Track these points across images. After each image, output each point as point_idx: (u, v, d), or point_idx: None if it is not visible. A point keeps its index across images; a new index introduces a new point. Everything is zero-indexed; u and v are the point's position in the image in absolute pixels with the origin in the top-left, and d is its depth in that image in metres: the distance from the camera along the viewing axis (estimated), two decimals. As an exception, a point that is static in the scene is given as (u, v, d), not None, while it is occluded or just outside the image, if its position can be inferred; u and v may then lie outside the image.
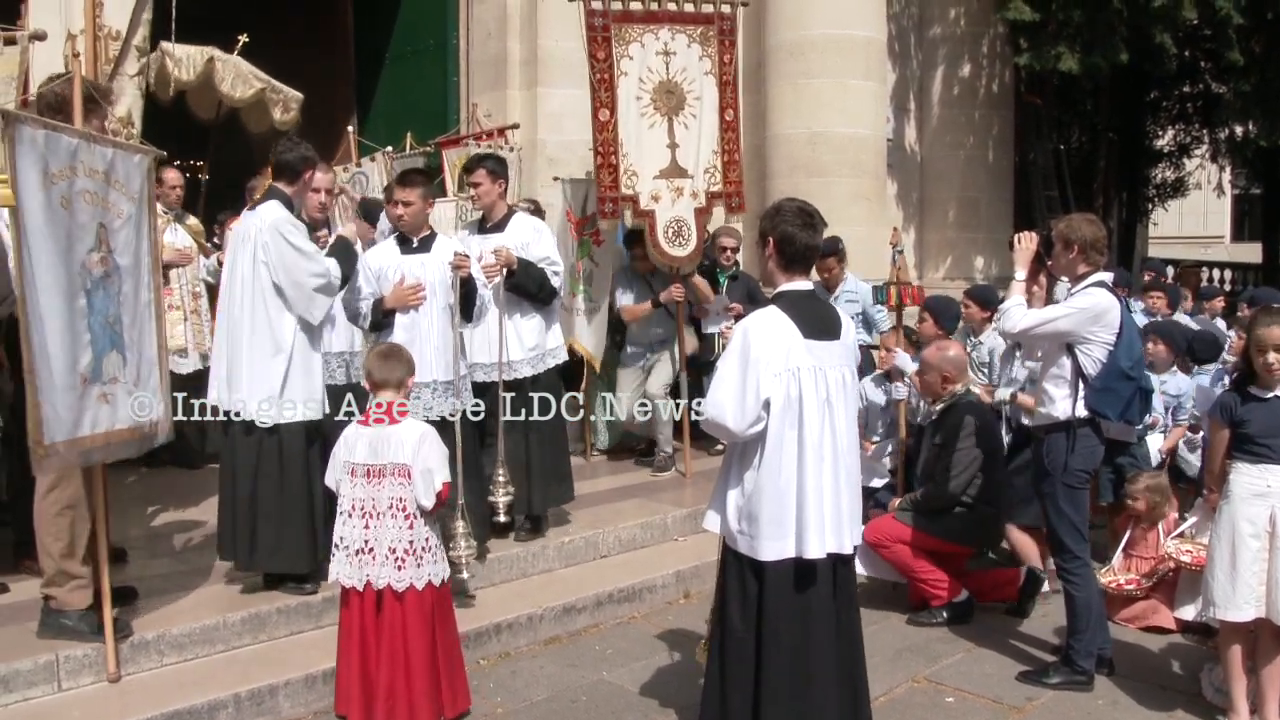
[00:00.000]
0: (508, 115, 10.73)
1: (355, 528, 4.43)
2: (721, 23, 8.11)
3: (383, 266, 5.81)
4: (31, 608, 4.91)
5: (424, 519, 4.45)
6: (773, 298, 4.00)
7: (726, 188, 8.09)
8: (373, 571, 4.39)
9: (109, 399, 4.51)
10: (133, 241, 4.70)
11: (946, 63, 13.56)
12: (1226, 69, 14.29)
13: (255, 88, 9.39)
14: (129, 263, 4.67)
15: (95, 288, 4.42)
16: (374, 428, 4.46)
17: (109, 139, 4.72)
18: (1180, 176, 23.21)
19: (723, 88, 8.09)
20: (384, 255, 5.87)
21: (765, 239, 3.99)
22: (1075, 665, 5.20)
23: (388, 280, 5.77)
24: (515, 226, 6.59)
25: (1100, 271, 5.19)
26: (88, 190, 4.38)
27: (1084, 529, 5.23)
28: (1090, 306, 5.05)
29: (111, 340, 4.52)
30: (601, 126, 7.79)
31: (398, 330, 5.71)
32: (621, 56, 7.81)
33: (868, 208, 11.24)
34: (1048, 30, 12.22)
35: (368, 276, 5.80)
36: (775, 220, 3.97)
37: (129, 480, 7.56)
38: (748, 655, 3.95)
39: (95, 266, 4.42)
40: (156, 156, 4.99)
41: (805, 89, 11.04)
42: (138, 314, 4.74)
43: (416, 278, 5.73)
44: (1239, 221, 37.04)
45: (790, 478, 3.83)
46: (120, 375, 4.56)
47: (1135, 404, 5.17)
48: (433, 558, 4.47)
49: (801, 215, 3.97)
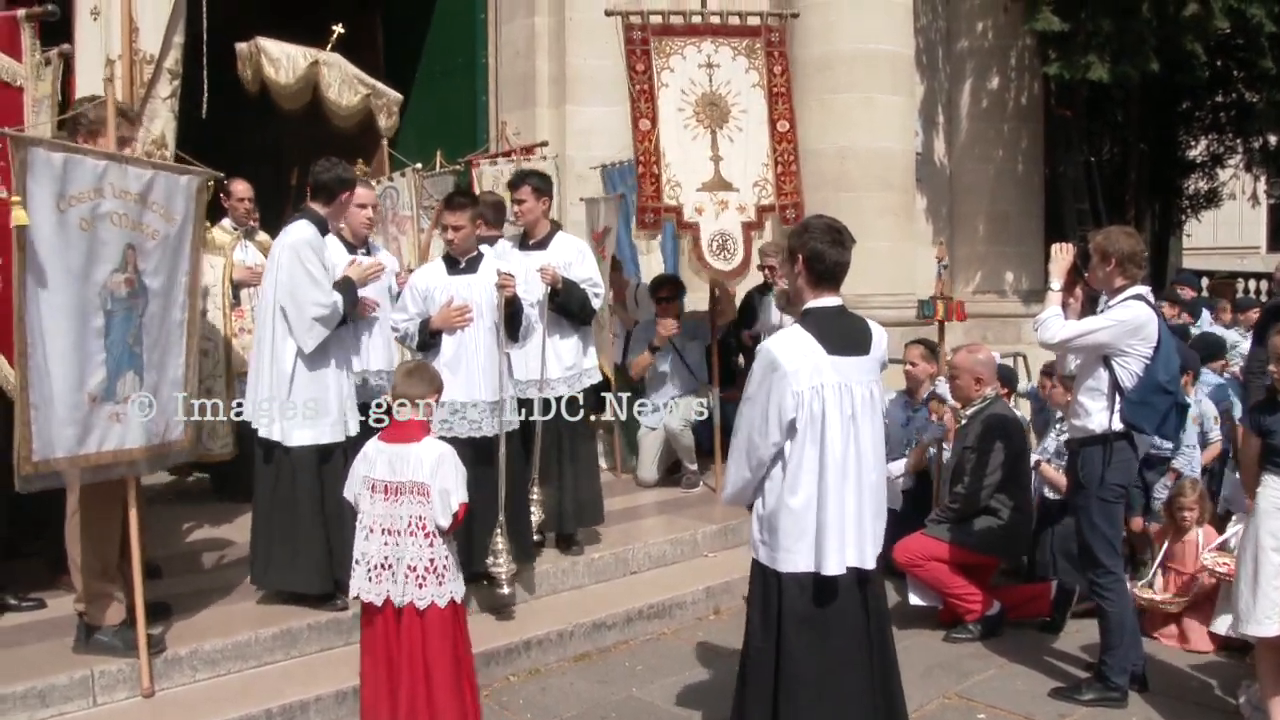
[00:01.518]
0: (536, 133, 10.78)
1: (375, 544, 4.43)
2: (769, 34, 8.01)
3: (430, 287, 5.86)
4: (67, 623, 4.98)
5: (442, 538, 4.45)
6: (800, 316, 4.01)
7: (780, 199, 7.87)
8: (393, 589, 4.39)
9: (121, 418, 4.57)
10: (167, 262, 4.76)
11: (975, 75, 13.53)
12: (1259, 77, 14.18)
13: (361, 93, 8.75)
14: (160, 283, 4.73)
15: (117, 308, 4.50)
16: (395, 445, 4.47)
17: (149, 161, 4.81)
18: (1214, 187, 22.97)
19: (773, 99, 7.95)
20: (432, 276, 5.92)
21: (794, 256, 4.00)
22: (1109, 681, 5.15)
23: (435, 301, 5.81)
24: (558, 245, 6.58)
25: (1138, 285, 5.15)
26: (116, 212, 4.45)
27: (1117, 543, 5.20)
28: (1129, 319, 5.01)
29: (129, 360, 4.59)
30: (643, 136, 7.68)
31: (445, 350, 5.77)
32: (662, 69, 7.75)
33: (896, 222, 11.22)
34: (1077, 40, 12.17)
35: (415, 297, 5.84)
36: (804, 238, 3.98)
37: (159, 495, 7.64)
38: (767, 667, 3.95)
39: (119, 287, 4.50)
40: (208, 178, 5.05)
41: (833, 104, 11.03)
42: (164, 334, 4.80)
43: (464, 299, 5.77)
44: (1275, 231, 36.64)
45: (811, 494, 3.83)
46: (135, 395, 4.63)
47: (1172, 418, 5.14)
48: (452, 575, 4.47)
49: (830, 232, 3.98)
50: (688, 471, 8.35)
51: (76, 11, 6.14)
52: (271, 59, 8.26)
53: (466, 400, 5.69)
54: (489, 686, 5.29)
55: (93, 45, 6.02)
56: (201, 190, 4.95)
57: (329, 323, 5.38)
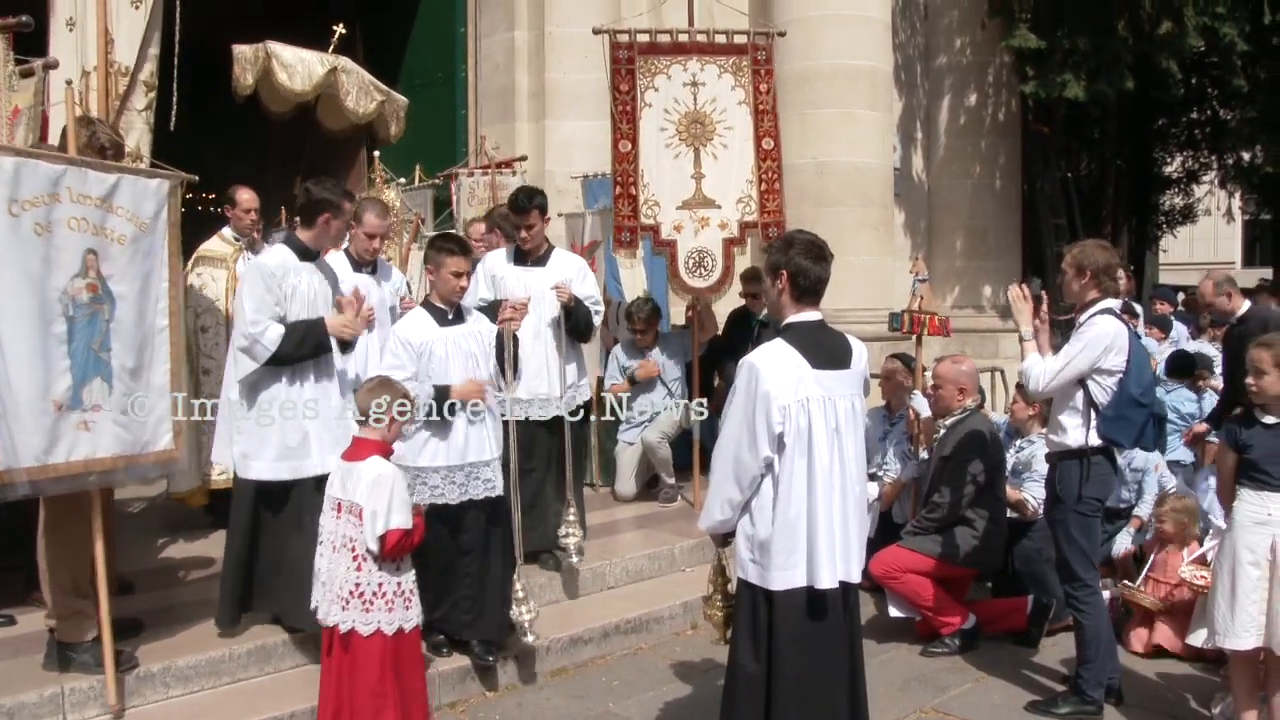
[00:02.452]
0: (516, 147, 10.79)
1: (324, 561, 4.42)
2: (756, 52, 8.07)
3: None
4: (38, 640, 4.92)
5: (379, 564, 4.32)
6: (781, 330, 4.01)
7: (764, 217, 7.94)
8: (324, 607, 4.36)
9: (90, 426, 4.48)
10: (138, 267, 4.67)
11: (953, 92, 13.64)
12: (1233, 95, 14.33)
13: (377, 99, 8.39)
14: (131, 289, 4.63)
15: (79, 314, 4.42)
16: (348, 462, 4.43)
17: (115, 165, 4.71)
18: (1189, 203, 23.20)
19: (759, 116, 8.02)
20: (420, 329, 5.42)
21: (777, 272, 4.01)
22: (1085, 695, 5.16)
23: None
24: (558, 262, 6.56)
25: (1107, 299, 5.16)
26: (74, 216, 4.38)
27: (1094, 557, 5.22)
28: (1098, 337, 5.02)
29: (96, 367, 4.50)
30: (622, 157, 7.79)
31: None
32: (646, 89, 7.83)
33: (875, 237, 11.27)
34: (1053, 58, 12.27)
35: (409, 353, 5.33)
36: (788, 253, 3.98)
37: (137, 511, 7.59)
38: (759, 689, 3.92)
39: (80, 293, 4.42)
40: (180, 181, 4.96)
41: (812, 119, 11.08)
42: (143, 342, 4.72)
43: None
44: (1250, 247, 36.99)
45: (800, 509, 3.82)
46: (104, 403, 4.53)
47: (1149, 430, 5.16)
48: (386, 605, 4.33)
49: (813, 249, 4.00)
50: (665, 486, 8.34)
51: (52, 22, 6.10)
52: (285, 64, 7.90)
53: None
54: (465, 703, 5.26)
55: (68, 56, 5.98)
56: (175, 193, 4.85)
57: (252, 356, 5.03)
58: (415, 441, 5.19)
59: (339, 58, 8.19)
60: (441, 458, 5.23)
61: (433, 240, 5.53)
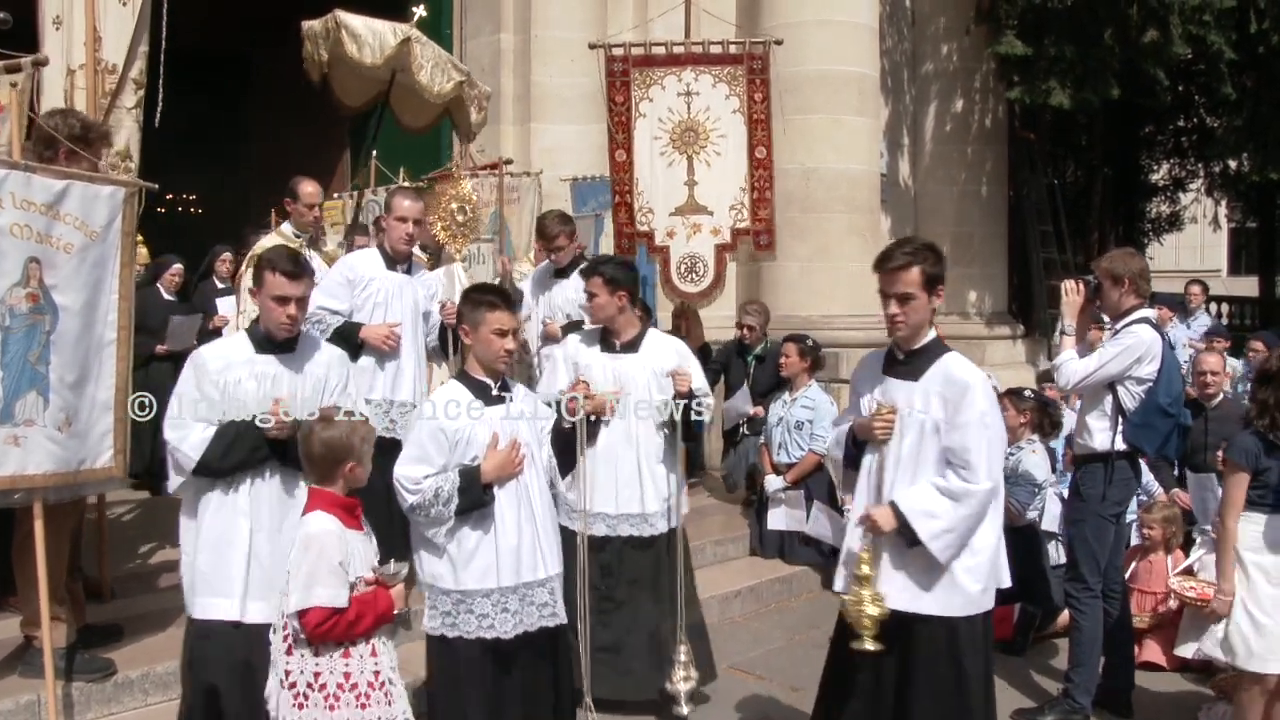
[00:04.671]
0: (501, 150, 10.71)
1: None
2: (751, 62, 8.11)
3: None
4: (14, 647, 4.88)
5: (309, 649, 3.48)
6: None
7: (755, 224, 8.08)
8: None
9: (21, 442, 4.27)
10: (85, 277, 4.49)
11: (939, 98, 13.63)
12: (1220, 103, 14.37)
13: (455, 79, 7.78)
14: (78, 300, 4.45)
15: (16, 324, 4.25)
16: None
17: (65, 170, 4.51)
18: (1176, 210, 23.28)
19: (753, 125, 8.09)
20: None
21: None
22: (1073, 700, 5.15)
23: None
24: (653, 348, 5.27)
25: (1144, 308, 5.20)
26: (16, 223, 4.22)
27: (1101, 562, 5.20)
28: (1133, 345, 5.05)
29: (31, 380, 4.30)
30: (618, 167, 8.01)
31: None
32: (641, 99, 7.96)
33: (862, 243, 11.22)
34: (1039, 65, 12.28)
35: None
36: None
37: (119, 517, 7.51)
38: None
39: (19, 303, 4.25)
40: (138, 188, 4.81)
41: (799, 125, 11.02)
42: (87, 355, 4.52)
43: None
44: (1236, 255, 37.12)
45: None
46: (38, 418, 4.33)
47: (1174, 439, 5.20)
48: (326, 703, 3.44)
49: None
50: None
51: (41, 20, 6.04)
52: (354, 35, 7.42)
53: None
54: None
55: (55, 55, 5.92)
56: (130, 201, 4.68)
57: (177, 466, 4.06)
58: (456, 555, 4.03)
59: (412, 28, 7.72)
60: (492, 576, 4.04)
61: (467, 294, 4.36)
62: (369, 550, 3.69)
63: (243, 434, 3.91)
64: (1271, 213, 21.60)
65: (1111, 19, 11.92)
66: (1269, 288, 22.05)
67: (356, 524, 3.67)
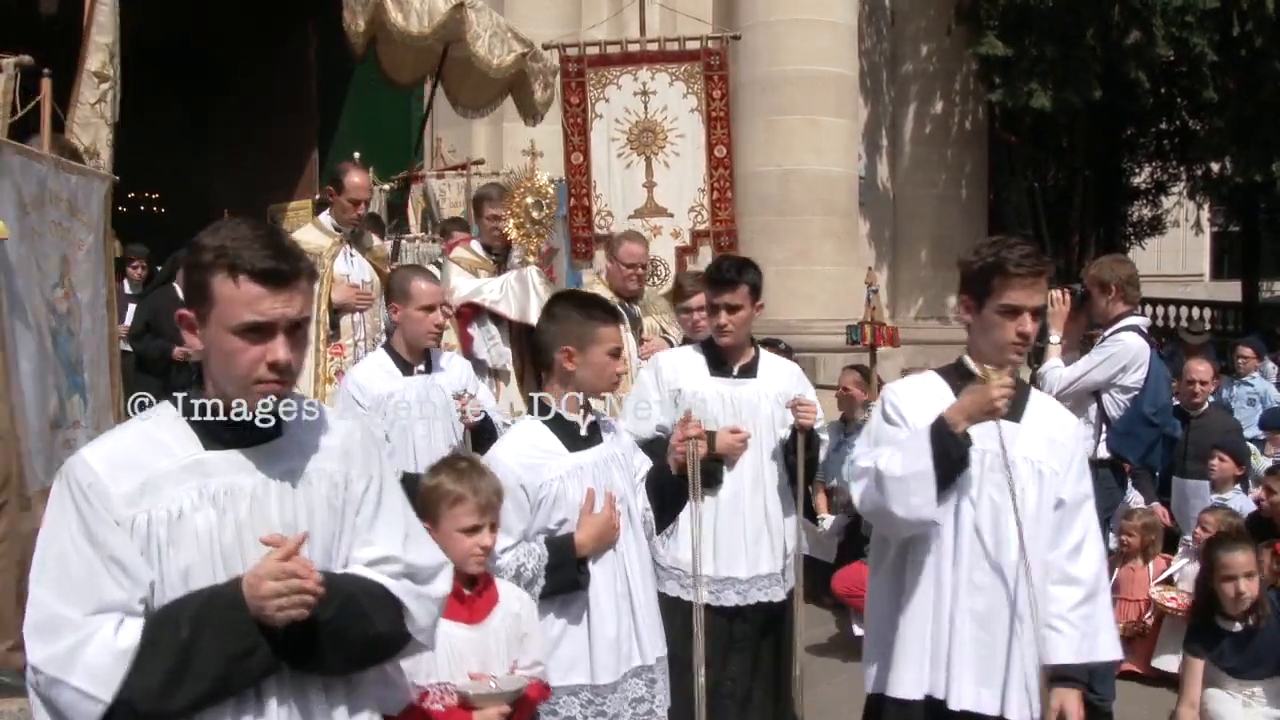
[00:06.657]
0: (473, 150, 10.58)
1: None
2: (709, 58, 8.00)
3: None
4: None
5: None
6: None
7: (715, 225, 7.96)
8: None
9: (71, 445, 4.05)
10: (92, 274, 4.45)
11: (919, 100, 13.52)
12: (1202, 106, 14.30)
13: (516, 51, 7.05)
14: (88, 297, 4.41)
15: (60, 326, 4.15)
16: None
17: (71, 164, 4.44)
18: (1158, 214, 23.24)
19: (711, 123, 7.97)
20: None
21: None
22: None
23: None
24: (770, 371, 4.32)
25: (1134, 315, 5.17)
26: (53, 221, 4.12)
27: None
28: (1119, 353, 5.00)
29: (75, 383, 4.25)
30: (575, 170, 7.88)
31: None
32: (596, 100, 7.85)
33: (839, 246, 11.13)
34: (1020, 67, 12.17)
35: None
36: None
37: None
38: None
39: (60, 303, 4.14)
40: (112, 182, 4.74)
41: (777, 126, 10.93)
42: (98, 352, 4.48)
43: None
44: (1218, 259, 37.16)
45: None
46: (82, 419, 4.28)
47: (1158, 449, 5.20)
48: None
49: None
50: None
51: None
52: (401, 3, 6.70)
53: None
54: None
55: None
56: (109, 196, 4.63)
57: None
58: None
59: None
60: (582, 670, 3.08)
61: (566, 306, 3.28)
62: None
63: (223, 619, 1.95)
64: (1254, 216, 21.56)
65: (1094, 19, 11.83)
66: (1252, 292, 22.02)
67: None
